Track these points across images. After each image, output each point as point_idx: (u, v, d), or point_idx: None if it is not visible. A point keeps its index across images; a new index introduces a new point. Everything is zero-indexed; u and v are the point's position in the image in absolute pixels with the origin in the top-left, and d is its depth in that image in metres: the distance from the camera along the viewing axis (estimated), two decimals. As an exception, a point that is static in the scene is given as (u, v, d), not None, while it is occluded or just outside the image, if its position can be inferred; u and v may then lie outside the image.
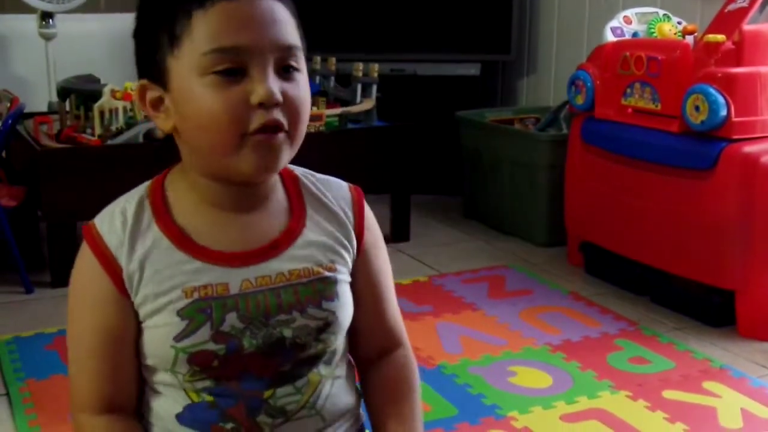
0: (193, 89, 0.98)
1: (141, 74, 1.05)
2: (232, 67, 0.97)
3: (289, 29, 1.01)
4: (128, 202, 1.07)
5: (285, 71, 1.00)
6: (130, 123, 3.15)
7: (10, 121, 2.92)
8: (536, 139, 3.56)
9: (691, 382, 2.35)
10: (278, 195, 1.10)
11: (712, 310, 2.73)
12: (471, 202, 4.00)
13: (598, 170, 3.08)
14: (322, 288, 1.08)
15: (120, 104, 3.17)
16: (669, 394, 2.28)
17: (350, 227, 1.13)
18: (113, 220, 1.06)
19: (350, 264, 1.12)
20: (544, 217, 3.56)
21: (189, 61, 0.98)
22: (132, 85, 3.17)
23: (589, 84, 3.06)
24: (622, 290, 3.05)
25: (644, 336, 2.66)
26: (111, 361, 1.05)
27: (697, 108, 2.60)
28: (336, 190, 1.15)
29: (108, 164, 3.01)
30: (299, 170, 1.15)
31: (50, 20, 3.90)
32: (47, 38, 3.91)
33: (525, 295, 3.01)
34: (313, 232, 1.10)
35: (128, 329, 1.05)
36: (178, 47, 0.99)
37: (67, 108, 3.36)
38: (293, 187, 1.12)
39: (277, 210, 1.09)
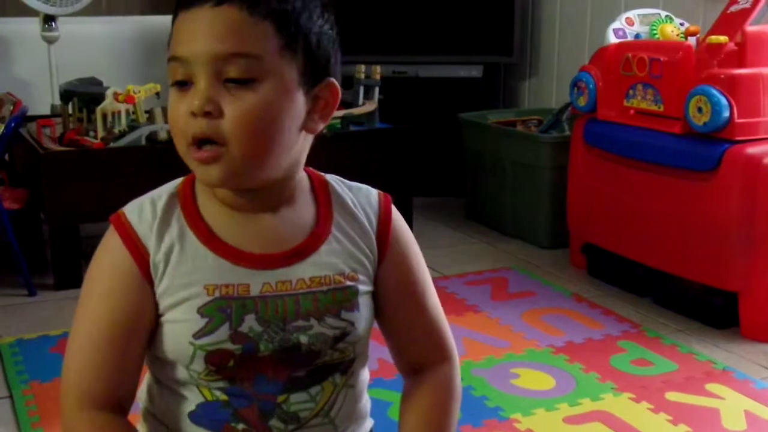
0: (169, 98, 1.02)
1: None
2: (182, 79, 0.99)
3: (238, 38, 0.97)
4: (159, 196, 1.08)
5: (233, 82, 0.98)
6: (133, 126, 3.16)
7: (13, 124, 2.93)
8: (539, 141, 3.56)
9: (694, 384, 2.35)
10: (305, 198, 1.10)
11: (715, 311, 2.73)
12: (473, 204, 4.00)
13: (601, 172, 3.08)
14: (342, 298, 1.07)
15: (122, 107, 3.17)
16: (672, 396, 2.28)
17: (372, 236, 1.12)
18: (143, 211, 1.06)
19: (372, 273, 1.11)
20: (547, 218, 3.56)
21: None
22: (134, 87, 3.18)
23: (591, 86, 3.06)
24: (624, 292, 3.04)
25: (647, 338, 2.65)
26: (120, 354, 1.04)
27: (699, 109, 2.60)
28: (364, 197, 1.14)
29: (111, 167, 3.02)
30: (330, 177, 1.14)
31: (53, 23, 3.90)
32: (50, 41, 3.91)
33: (528, 297, 3.01)
34: (337, 239, 1.09)
35: (144, 320, 1.04)
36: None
37: (70, 111, 3.36)
38: (322, 191, 1.11)
39: (304, 213, 1.09)
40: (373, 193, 1.16)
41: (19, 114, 2.98)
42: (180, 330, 1.02)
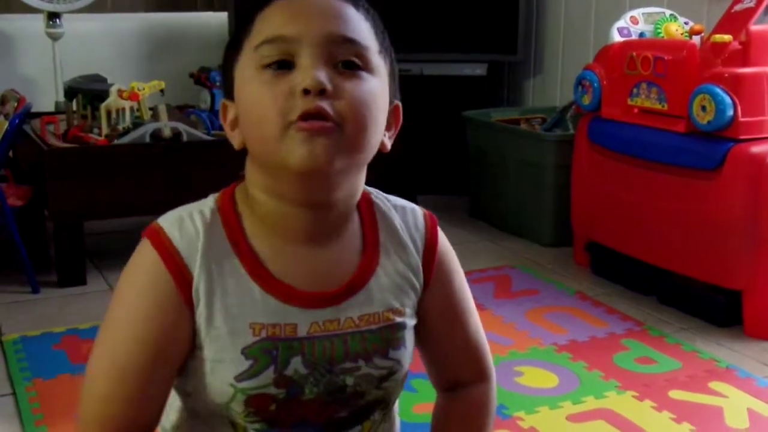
0: (246, 87, 0.94)
1: (225, 95, 1.02)
2: (281, 59, 0.92)
3: (349, 24, 0.95)
4: (200, 209, 0.99)
5: (346, 67, 0.93)
6: (137, 123, 3.16)
7: (17, 121, 2.93)
8: (543, 139, 3.56)
9: (697, 382, 2.35)
10: (354, 225, 1.03)
11: (718, 310, 2.73)
12: (477, 202, 4.00)
13: (605, 170, 3.08)
14: (389, 336, 1.02)
15: (127, 104, 3.17)
16: (675, 394, 2.28)
17: (419, 263, 1.06)
18: (184, 227, 0.97)
19: (416, 304, 1.06)
20: (551, 217, 3.55)
21: (245, 60, 0.95)
22: (138, 84, 3.18)
23: (595, 84, 3.06)
24: (628, 290, 3.04)
25: (651, 336, 2.65)
26: (149, 381, 0.96)
27: (703, 108, 2.60)
28: (411, 219, 1.08)
29: (115, 164, 3.02)
30: (373, 192, 1.08)
31: (57, 20, 3.90)
32: (54, 38, 3.92)
33: (531, 295, 3.01)
34: (386, 270, 1.03)
35: (178, 348, 0.96)
36: (240, 53, 0.96)
37: (74, 108, 3.36)
38: (368, 213, 1.05)
39: (351, 244, 1.02)
40: (419, 214, 1.10)
41: (23, 111, 2.98)
42: (221, 370, 0.96)
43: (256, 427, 0.98)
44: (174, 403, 1.05)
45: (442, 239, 1.10)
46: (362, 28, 0.96)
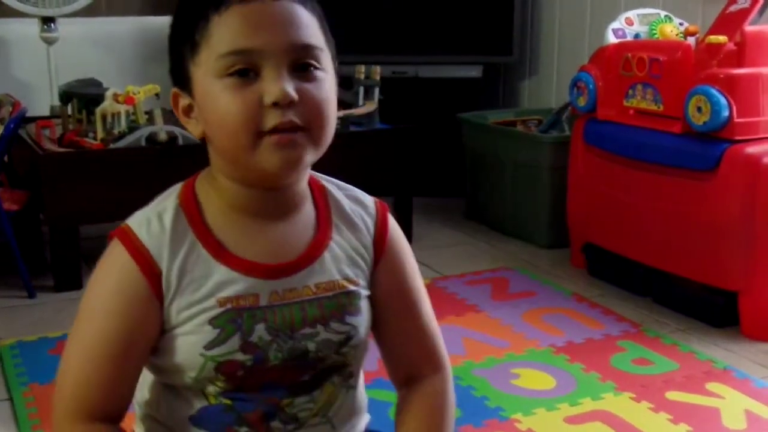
0: (211, 92, 0.99)
1: (174, 83, 1.06)
2: (245, 68, 0.97)
3: (305, 30, 1.00)
4: (164, 208, 1.06)
5: (303, 70, 0.99)
6: (133, 127, 3.15)
7: (12, 126, 2.92)
8: (538, 141, 3.56)
9: (694, 383, 2.35)
10: (308, 203, 1.10)
11: (715, 311, 2.73)
12: (473, 204, 4.00)
13: (601, 172, 3.08)
14: (345, 302, 1.08)
15: (122, 108, 3.17)
16: (672, 395, 2.28)
17: (370, 240, 1.13)
18: (150, 225, 1.04)
19: (368, 277, 1.12)
20: (547, 218, 3.55)
21: (207, 65, 0.99)
22: (133, 88, 3.17)
23: (591, 85, 3.06)
24: (624, 291, 3.04)
25: (647, 337, 2.65)
26: (120, 369, 1.04)
27: (699, 109, 2.60)
28: (361, 203, 1.15)
29: (110, 168, 3.01)
30: (325, 179, 1.15)
31: (52, 24, 3.90)
32: (49, 42, 3.91)
33: (528, 296, 3.01)
34: (338, 244, 1.10)
35: (147, 337, 1.03)
36: (198, 53, 1.00)
37: (69, 112, 3.36)
38: (321, 197, 1.12)
39: (306, 221, 1.09)
40: (369, 199, 1.17)
41: (19, 115, 2.98)
42: (191, 342, 1.02)
43: (227, 392, 1.05)
44: (146, 379, 1.11)
45: (394, 225, 1.17)
46: (314, 29, 1.02)
